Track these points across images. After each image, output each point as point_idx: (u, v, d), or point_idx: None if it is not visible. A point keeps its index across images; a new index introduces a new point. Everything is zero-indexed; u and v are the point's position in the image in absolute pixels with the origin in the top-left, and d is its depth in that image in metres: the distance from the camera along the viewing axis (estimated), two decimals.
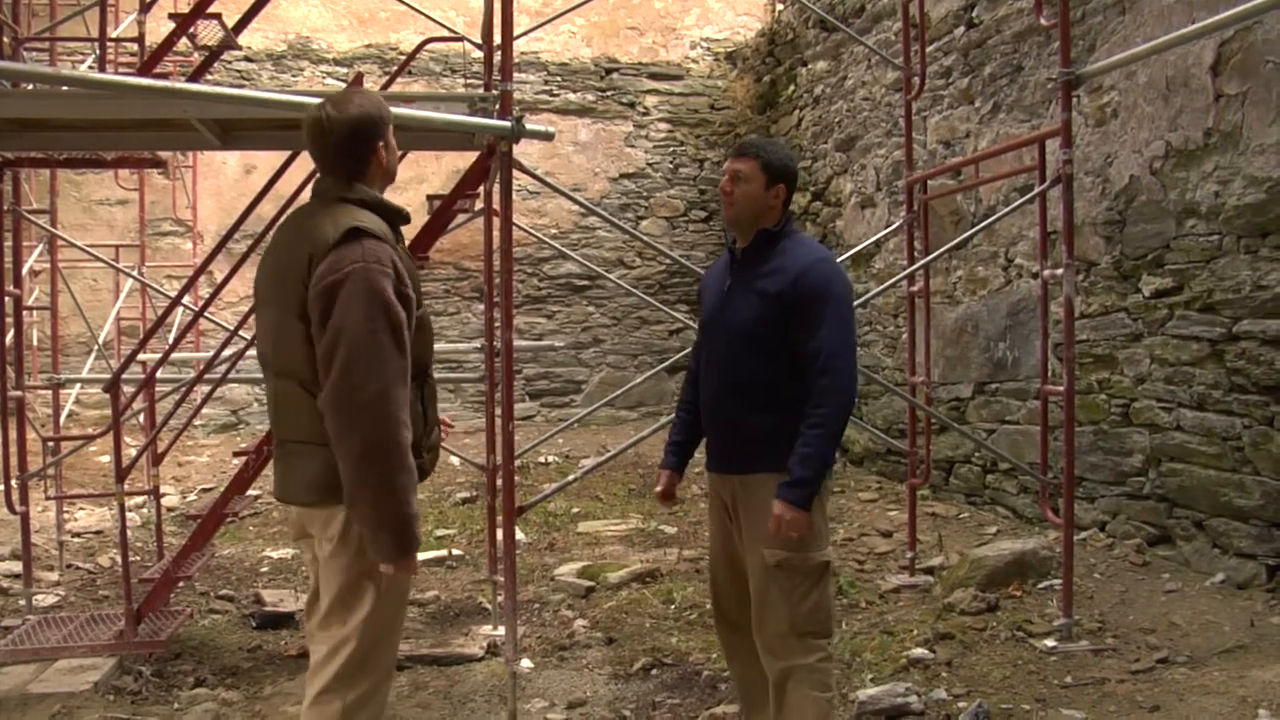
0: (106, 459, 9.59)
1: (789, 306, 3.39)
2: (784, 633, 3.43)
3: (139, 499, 8.05)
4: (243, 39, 6.40)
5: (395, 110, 3.29)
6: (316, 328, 2.81)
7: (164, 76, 6.18)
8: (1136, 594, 5.77)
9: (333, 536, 2.92)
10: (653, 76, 13.55)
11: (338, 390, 2.75)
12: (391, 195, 3.16)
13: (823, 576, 3.48)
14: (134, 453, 5.92)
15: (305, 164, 6.22)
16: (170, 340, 8.47)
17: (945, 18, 8.55)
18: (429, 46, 9.69)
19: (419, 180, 11.62)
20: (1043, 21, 5.62)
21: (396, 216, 3.07)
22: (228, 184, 12.19)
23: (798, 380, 3.39)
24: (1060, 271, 5.24)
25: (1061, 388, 5.27)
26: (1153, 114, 6.33)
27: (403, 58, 11.93)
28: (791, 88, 12.08)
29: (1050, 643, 5.06)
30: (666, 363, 8.30)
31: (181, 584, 5.62)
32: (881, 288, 6.28)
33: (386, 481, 2.76)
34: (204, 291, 10.16)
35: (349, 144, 2.98)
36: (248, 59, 12.36)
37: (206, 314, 6.93)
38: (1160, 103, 6.27)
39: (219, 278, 7.61)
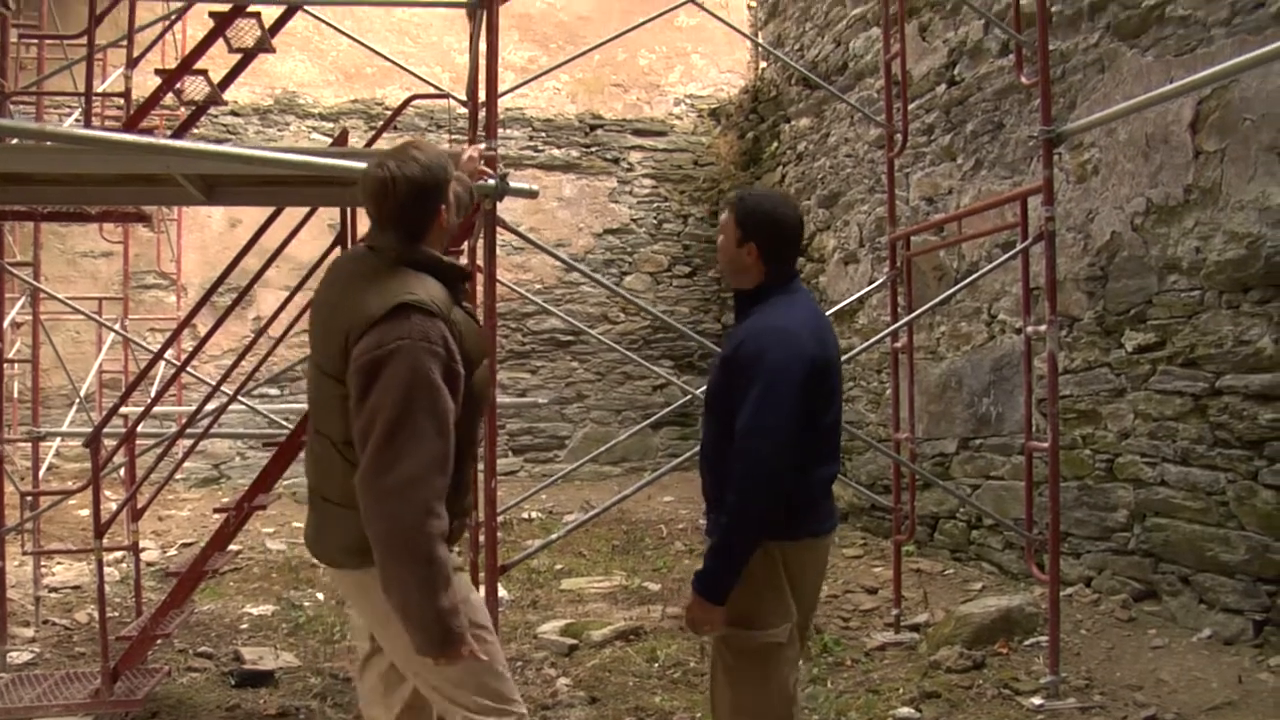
0: (86, 512, 9.50)
1: (731, 373, 3.20)
2: (725, 715, 3.29)
3: (118, 554, 7.97)
4: (229, 94, 6.41)
5: None
6: (355, 403, 2.71)
7: (149, 131, 6.19)
8: (1123, 650, 5.74)
9: (381, 603, 2.77)
10: (637, 132, 13.65)
11: (367, 473, 2.64)
12: None
13: (769, 659, 3.23)
14: (114, 507, 5.86)
15: (290, 218, 6.23)
16: (153, 394, 8.44)
17: (927, 75, 8.63)
18: (414, 102, 9.74)
19: None
20: (1024, 80, 5.68)
21: (457, 276, 2.96)
22: (212, 237, 12.20)
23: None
24: (1043, 328, 5.25)
25: (1045, 444, 5.28)
26: (1133, 171, 6.39)
27: (388, 113, 11.96)
28: (775, 144, 12.17)
29: (1037, 700, 5.03)
30: (651, 419, 8.29)
31: (160, 641, 5.54)
32: (865, 345, 6.28)
33: (411, 574, 2.63)
34: (187, 345, 10.13)
35: (413, 204, 2.85)
36: (234, 113, 12.41)
37: (189, 369, 6.90)
38: (1140, 159, 6.32)
39: (203, 331, 7.59)
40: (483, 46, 4.98)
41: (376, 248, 2.91)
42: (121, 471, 7.74)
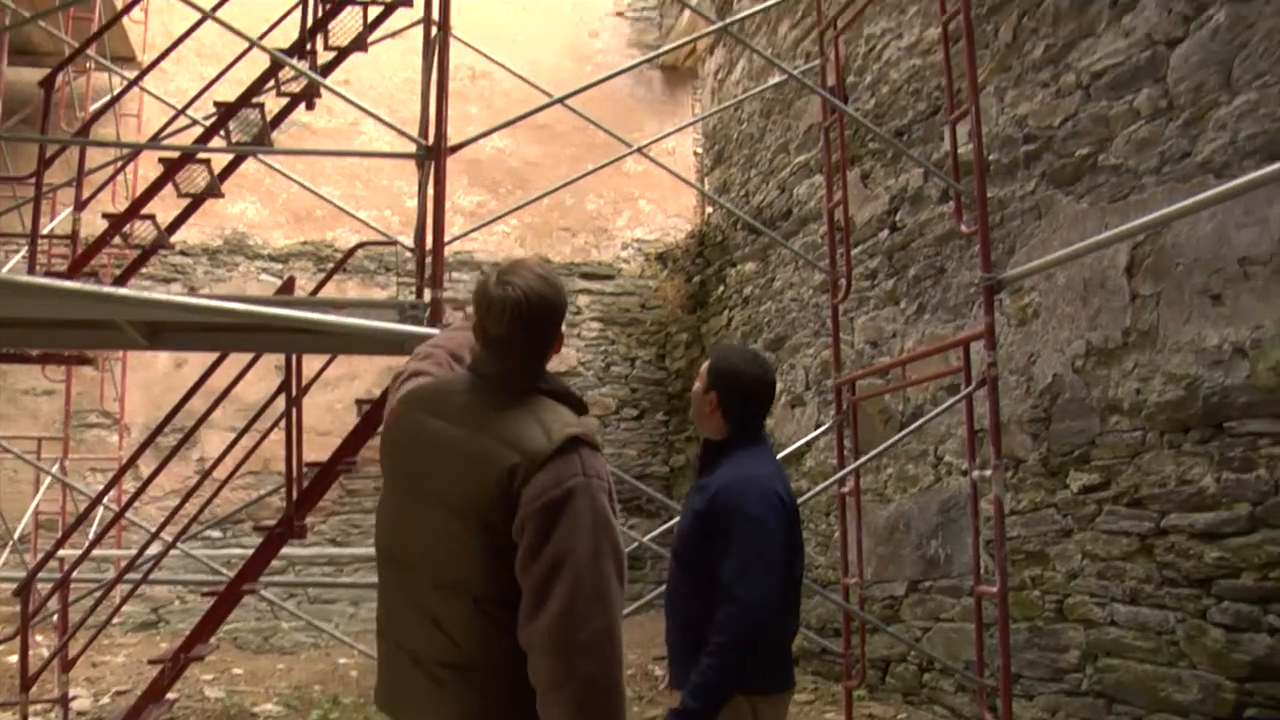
0: (16, 658, 9.21)
1: (708, 526, 3.28)
2: None
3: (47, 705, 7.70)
4: (178, 234, 6.43)
5: (322, 317, 3.25)
6: (530, 549, 2.42)
7: (94, 275, 6.17)
8: None
9: None
10: (585, 276, 13.78)
11: (558, 628, 2.35)
12: (321, 393, 3.08)
13: None
14: (46, 654, 5.69)
15: (237, 358, 6.19)
16: (91, 536, 8.26)
17: (869, 221, 8.81)
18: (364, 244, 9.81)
19: (350, 377, 11.59)
20: (963, 228, 5.81)
21: (581, 407, 2.69)
22: (157, 377, 12.08)
23: (708, 595, 3.24)
24: (989, 473, 5.29)
25: (994, 589, 5.26)
26: (1073, 314, 6.50)
27: (338, 254, 12.03)
28: (721, 288, 12.31)
29: None
30: None
31: None
32: (815, 490, 6.29)
33: None
34: (129, 484, 9.96)
35: (542, 324, 2.62)
36: (183, 253, 12.39)
37: (131, 511, 6.77)
38: (1079, 303, 6.44)
39: (145, 471, 7.47)
40: (431, 192, 5.04)
41: (492, 374, 2.67)
42: (55, 617, 7.53)
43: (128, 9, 9.11)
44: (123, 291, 4.15)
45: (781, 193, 10.71)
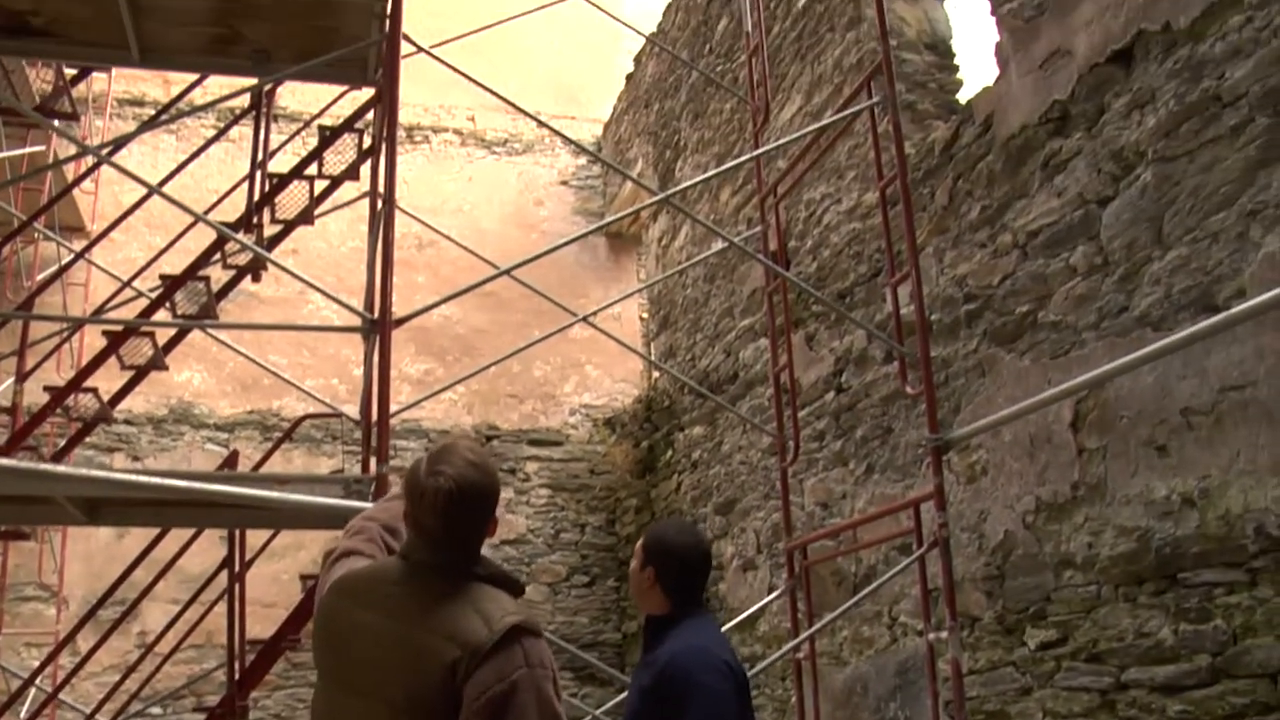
0: None
1: (659, 697, 3.21)
2: None
3: None
4: (123, 403, 6.35)
5: (266, 494, 3.18)
6: None
7: (34, 449, 6.07)
8: None
9: None
10: (533, 443, 13.75)
11: None
12: (267, 564, 3.01)
13: None
14: None
15: (180, 531, 6.07)
16: (22, 717, 7.92)
17: (815, 383, 8.86)
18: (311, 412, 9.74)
19: (297, 547, 11.37)
20: (908, 390, 5.85)
21: (518, 590, 2.70)
22: (98, 548, 11.77)
23: None
24: (945, 634, 5.24)
25: None
26: (1021, 470, 6.53)
27: (285, 423, 11.95)
28: (670, 452, 12.29)
29: None
30: None
31: None
32: (771, 659, 6.20)
33: None
34: (65, 659, 9.63)
35: (477, 511, 2.60)
36: (127, 422, 12.24)
37: (67, 688, 6.54)
38: (1026, 459, 6.47)
39: (84, 646, 7.23)
40: (377, 363, 5.02)
41: (425, 562, 2.63)
42: None
43: (78, 182, 9.15)
44: (60, 469, 4.06)
45: (727, 356, 10.79)
